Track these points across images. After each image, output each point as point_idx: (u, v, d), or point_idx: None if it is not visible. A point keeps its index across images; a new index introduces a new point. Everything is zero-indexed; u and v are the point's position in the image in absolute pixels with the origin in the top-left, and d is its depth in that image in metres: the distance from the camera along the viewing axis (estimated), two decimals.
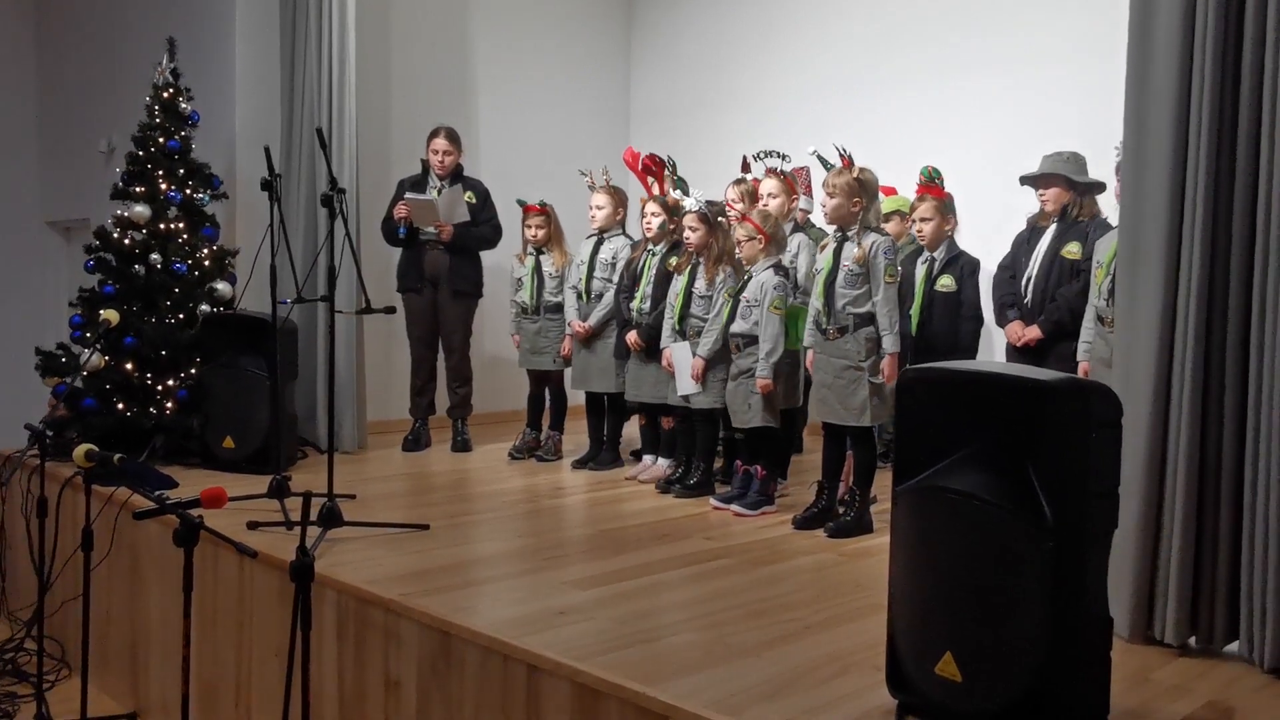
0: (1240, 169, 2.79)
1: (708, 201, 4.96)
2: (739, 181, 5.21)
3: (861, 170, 4.23)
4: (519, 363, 5.94)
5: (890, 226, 5.42)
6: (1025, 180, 4.79)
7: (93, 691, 3.85)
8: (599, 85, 8.19)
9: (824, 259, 4.33)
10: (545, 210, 5.76)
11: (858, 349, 4.20)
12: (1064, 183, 4.62)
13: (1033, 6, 6.03)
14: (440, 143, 5.94)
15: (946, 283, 4.92)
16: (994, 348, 5.52)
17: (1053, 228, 4.66)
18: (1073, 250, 4.57)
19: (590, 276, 5.50)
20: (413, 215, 5.79)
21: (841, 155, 4.26)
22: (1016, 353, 4.68)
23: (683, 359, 4.86)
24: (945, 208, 4.99)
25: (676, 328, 4.94)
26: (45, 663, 4.21)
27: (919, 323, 4.92)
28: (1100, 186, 4.66)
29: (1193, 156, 2.85)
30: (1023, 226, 4.96)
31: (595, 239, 5.57)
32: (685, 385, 4.85)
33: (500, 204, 6.08)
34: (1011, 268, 4.84)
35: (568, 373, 5.79)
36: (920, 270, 4.98)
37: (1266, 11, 2.71)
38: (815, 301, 4.34)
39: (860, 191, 4.21)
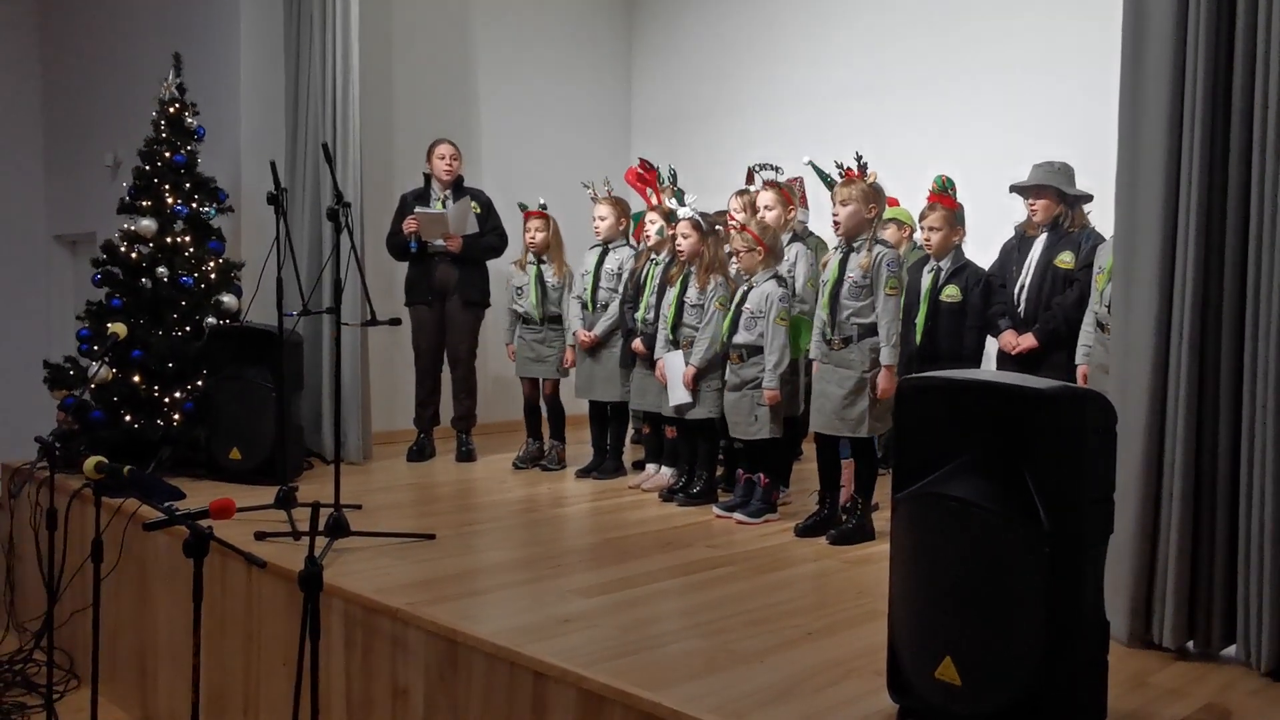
0: (1232, 177, 2.83)
1: (700, 212, 4.99)
2: (742, 192, 5.25)
3: (873, 178, 4.26)
4: (516, 371, 5.95)
5: (887, 234, 5.44)
6: (1016, 189, 4.82)
7: (102, 702, 3.87)
8: (600, 95, 8.24)
9: (829, 270, 4.36)
10: (544, 215, 5.79)
11: (861, 360, 4.22)
12: (1055, 194, 4.64)
13: (1032, 14, 6.07)
14: (447, 148, 5.99)
15: (952, 293, 4.92)
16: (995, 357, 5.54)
17: (1043, 237, 4.67)
18: (1066, 260, 4.59)
19: (595, 286, 5.54)
20: (422, 228, 5.83)
21: (847, 168, 4.28)
22: (1009, 361, 4.69)
23: (675, 369, 4.89)
24: (955, 218, 4.99)
25: (670, 337, 4.97)
26: (55, 673, 4.22)
27: (924, 332, 4.93)
28: (1088, 198, 4.69)
29: (1185, 163, 2.89)
30: (1010, 235, 4.99)
31: (600, 249, 5.61)
32: (677, 395, 4.87)
33: (502, 213, 6.13)
34: (1000, 276, 4.86)
35: (564, 383, 5.83)
36: (926, 280, 4.99)
37: (1256, 21, 2.75)
38: (821, 312, 4.36)
39: (875, 198, 4.25)
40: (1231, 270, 2.83)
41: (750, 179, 5.25)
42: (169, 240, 5.47)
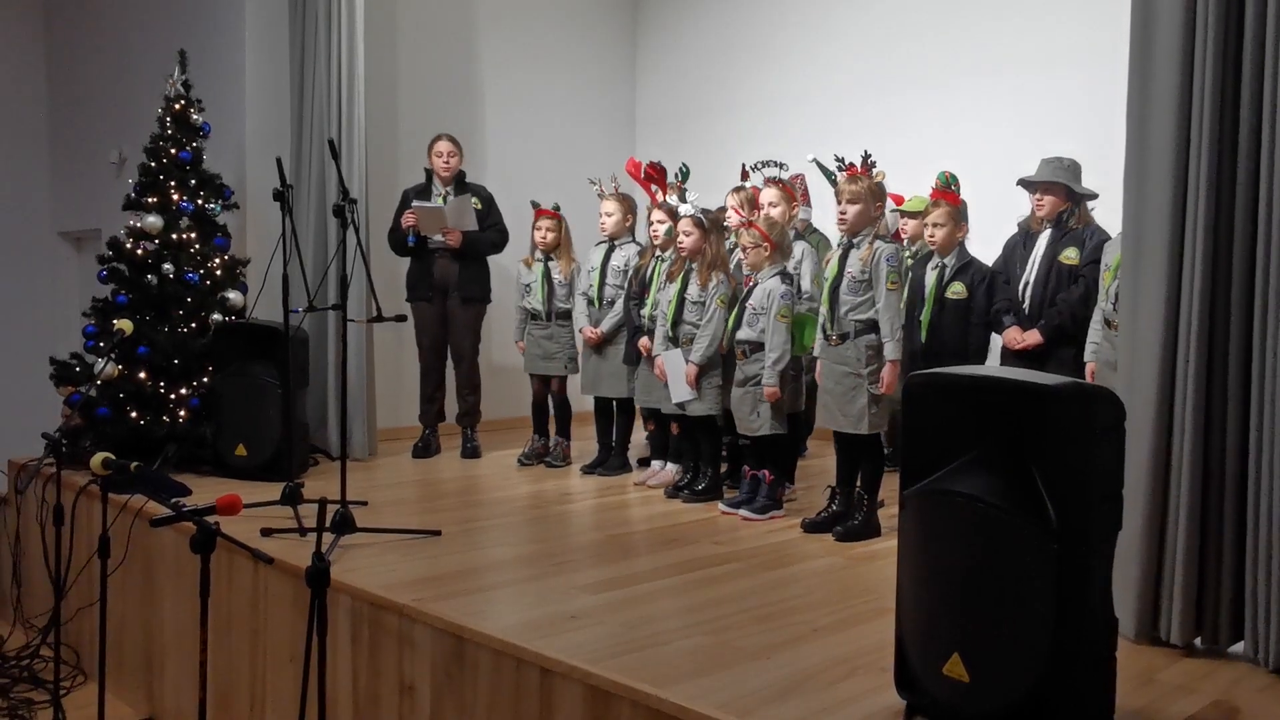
0: (1241, 173, 2.82)
1: (702, 209, 4.99)
2: (738, 189, 5.25)
3: (876, 174, 4.26)
4: (525, 367, 5.94)
5: (913, 227, 5.43)
6: (1024, 183, 4.81)
7: (109, 698, 3.88)
8: (605, 92, 8.23)
9: (831, 266, 4.36)
10: (557, 215, 5.77)
11: (858, 356, 4.22)
12: (1063, 190, 4.64)
13: (1036, 11, 6.06)
14: (445, 145, 5.99)
15: (958, 290, 4.91)
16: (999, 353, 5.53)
17: (1048, 233, 4.68)
18: (1070, 255, 4.60)
19: (602, 283, 5.53)
20: (420, 223, 5.83)
21: (850, 164, 4.28)
22: (1013, 357, 4.68)
23: (675, 366, 4.88)
24: (959, 214, 4.99)
25: (669, 334, 4.97)
26: (62, 669, 4.25)
27: (929, 329, 4.93)
28: (1093, 196, 4.69)
29: (1194, 160, 2.88)
30: (1014, 231, 4.98)
31: (606, 246, 5.60)
32: (680, 392, 4.87)
33: (507, 209, 6.13)
34: (1004, 272, 4.85)
35: (574, 379, 5.83)
36: (931, 276, 4.99)
37: (1266, 16, 2.75)
38: (822, 308, 4.37)
39: (880, 195, 4.26)
40: (1240, 267, 2.82)
41: (745, 176, 5.25)
42: (174, 237, 5.48)
